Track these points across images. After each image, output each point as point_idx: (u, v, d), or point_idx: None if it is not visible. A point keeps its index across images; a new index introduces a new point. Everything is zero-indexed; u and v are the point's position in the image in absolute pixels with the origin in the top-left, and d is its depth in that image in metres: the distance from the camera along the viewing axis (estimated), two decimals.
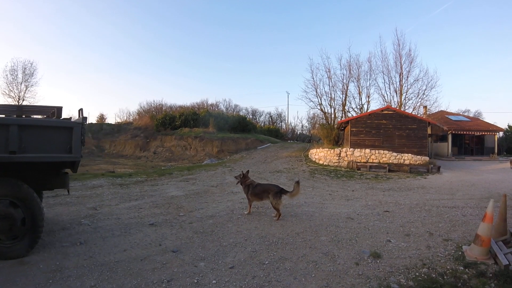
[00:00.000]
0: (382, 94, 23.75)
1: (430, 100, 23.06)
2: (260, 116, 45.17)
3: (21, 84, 30.00)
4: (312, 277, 3.18)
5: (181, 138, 27.51)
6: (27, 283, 2.88)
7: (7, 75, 29.48)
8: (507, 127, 31.50)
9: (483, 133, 24.82)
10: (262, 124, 42.08)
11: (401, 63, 22.99)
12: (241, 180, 6.02)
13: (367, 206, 6.91)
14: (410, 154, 15.32)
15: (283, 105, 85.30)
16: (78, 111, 4.09)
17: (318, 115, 29.30)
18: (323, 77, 27.60)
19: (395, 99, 22.97)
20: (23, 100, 29.39)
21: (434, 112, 25.98)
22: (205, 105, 40.25)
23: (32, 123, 3.58)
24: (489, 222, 3.57)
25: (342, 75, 24.91)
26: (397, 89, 23.00)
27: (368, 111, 20.48)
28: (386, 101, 23.21)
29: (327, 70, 24.55)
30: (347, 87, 24.18)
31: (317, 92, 24.40)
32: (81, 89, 75.63)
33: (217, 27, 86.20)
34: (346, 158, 16.00)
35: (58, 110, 4.97)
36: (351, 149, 16.15)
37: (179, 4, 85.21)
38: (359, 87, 24.22)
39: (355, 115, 21.37)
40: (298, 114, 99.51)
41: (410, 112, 20.54)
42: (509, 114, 72.82)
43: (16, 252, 3.42)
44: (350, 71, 24.32)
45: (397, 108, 20.54)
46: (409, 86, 22.71)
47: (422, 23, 65.72)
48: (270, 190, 5.52)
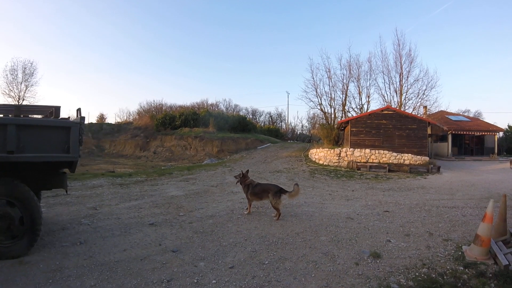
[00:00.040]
0: (382, 94, 23.81)
1: (430, 100, 23.13)
2: (260, 116, 45.23)
3: (21, 84, 30.07)
4: (312, 277, 3.18)
5: (181, 138, 27.51)
6: (27, 282, 2.89)
7: (7, 75, 29.58)
8: (507, 127, 31.53)
9: (483, 133, 24.83)
10: (262, 124, 42.06)
11: (401, 63, 23.04)
12: (240, 179, 6.02)
13: (367, 206, 6.91)
14: (410, 154, 15.33)
15: (283, 105, 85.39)
16: (76, 110, 4.07)
17: (318, 115, 29.38)
18: (323, 77, 27.58)
19: (395, 99, 23.01)
20: (23, 100, 29.41)
21: (434, 112, 25.98)
22: (205, 105, 40.28)
23: (30, 123, 3.57)
24: (489, 222, 3.58)
25: (342, 75, 24.96)
26: (397, 89, 23.04)
27: (368, 111, 20.48)
28: (386, 101, 23.24)
29: (327, 70, 24.60)
30: (347, 87, 24.23)
31: (317, 92, 24.45)
32: (81, 89, 75.86)
33: (217, 27, 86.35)
34: (346, 158, 16.01)
35: (56, 109, 4.94)
36: (351, 149, 16.15)
37: (179, 4, 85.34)
38: (359, 87, 24.26)
39: (355, 115, 21.37)
40: (298, 114, 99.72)
41: (410, 112, 20.55)
42: (509, 114, 72.99)
43: (15, 251, 3.42)
44: (350, 71, 24.36)
45: (397, 108, 20.55)
46: (409, 86, 22.76)
47: (422, 23, 65.82)
48: (269, 189, 5.53)
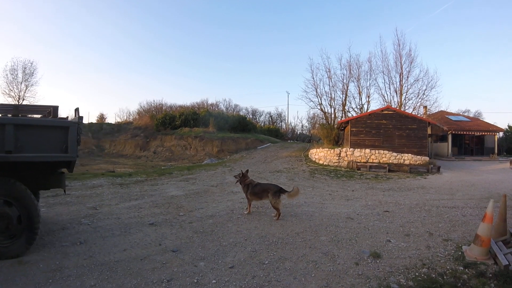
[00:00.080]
0: (382, 94, 23.81)
1: (430, 100, 23.14)
2: (260, 116, 45.22)
3: (21, 83, 30.09)
4: (312, 277, 3.18)
5: (181, 138, 27.51)
6: (27, 282, 2.88)
7: (7, 75, 29.60)
8: (507, 127, 31.54)
9: (483, 133, 24.83)
10: (262, 124, 42.06)
11: (401, 63, 23.04)
12: (240, 179, 6.03)
13: (367, 206, 6.91)
14: (410, 154, 15.33)
15: (283, 105, 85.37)
16: (74, 110, 4.07)
17: (318, 115, 29.37)
18: (323, 77, 27.55)
19: (395, 99, 23.01)
20: (23, 100, 29.42)
21: (434, 112, 25.98)
22: (205, 105, 40.27)
23: (28, 123, 3.56)
24: (489, 222, 3.57)
25: (342, 75, 24.96)
26: (397, 89, 23.05)
27: (368, 111, 20.48)
28: (386, 101, 23.25)
29: (327, 70, 24.61)
30: (347, 87, 24.24)
31: (317, 92, 24.46)
32: (81, 89, 75.92)
33: (217, 27, 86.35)
34: (346, 158, 16.00)
35: (54, 109, 4.93)
36: (351, 149, 16.15)
37: (179, 4, 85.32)
38: (359, 87, 24.27)
39: (355, 115, 21.38)
40: (298, 114, 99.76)
41: (410, 112, 20.55)
42: (509, 114, 72.92)
43: (14, 251, 3.42)
44: (350, 71, 24.37)
45: (397, 108, 20.55)
46: (409, 86, 22.77)
47: (422, 23, 65.79)
48: (269, 189, 5.53)
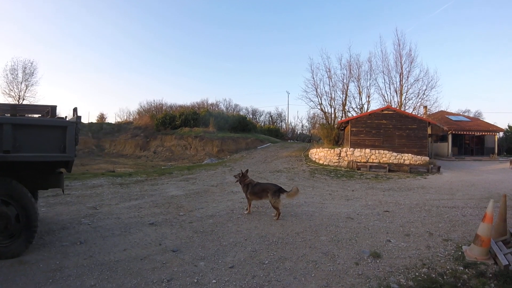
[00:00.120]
0: (382, 94, 23.83)
1: (430, 100, 23.16)
2: (260, 116, 45.23)
3: (21, 83, 30.14)
4: (312, 276, 3.18)
5: (181, 138, 27.51)
6: (27, 282, 2.88)
7: (7, 75, 29.67)
8: (507, 127, 31.55)
9: (483, 133, 24.82)
10: (262, 124, 42.07)
11: (401, 63, 23.05)
12: (240, 179, 6.03)
13: (367, 206, 6.91)
14: (410, 154, 15.33)
15: (283, 105, 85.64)
16: (72, 110, 4.06)
17: (318, 115, 29.36)
18: (323, 77, 27.49)
19: (395, 99, 23.02)
20: (23, 100, 29.46)
21: (434, 112, 25.98)
22: (205, 104, 40.29)
23: (26, 122, 3.55)
24: (489, 222, 3.57)
25: (342, 75, 24.99)
26: (397, 89, 23.06)
27: (368, 111, 20.49)
28: (386, 101, 23.26)
29: (328, 70, 24.63)
30: (347, 87, 24.25)
31: (317, 92, 24.47)
32: (81, 88, 75.99)
33: (217, 27, 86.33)
34: (346, 158, 16.00)
35: (53, 109, 4.93)
36: (351, 149, 16.15)
37: (179, 4, 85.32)
38: (359, 87, 24.28)
39: (355, 115, 21.38)
40: (298, 114, 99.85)
41: (410, 112, 20.55)
42: (509, 114, 72.81)
43: (14, 250, 3.42)
44: (350, 71, 24.38)
45: (397, 108, 20.55)
46: (409, 86, 22.79)
47: (423, 23, 65.78)
48: (268, 189, 5.53)
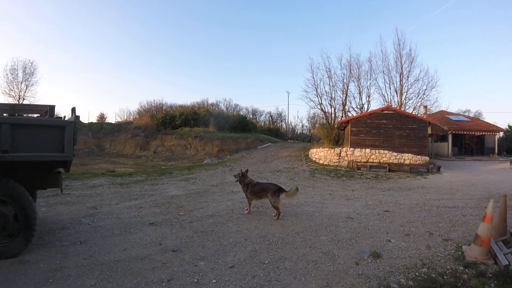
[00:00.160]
0: (382, 94, 23.83)
1: (430, 100, 23.15)
2: (260, 116, 45.25)
3: (21, 83, 30.18)
4: (312, 276, 3.18)
5: (181, 138, 27.52)
6: (27, 282, 2.88)
7: (7, 74, 29.72)
8: (507, 127, 31.53)
9: (484, 133, 24.81)
10: (262, 124, 42.09)
11: (401, 63, 23.05)
12: (240, 179, 6.03)
13: (367, 205, 6.91)
14: (410, 154, 15.32)
15: (283, 104, 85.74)
16: (70, 110, 4.05)
17: (318, 114, 29.35)
18: (323, 76, 27.62)
19: (396, 99, 23.02)
20: (23, 99, 29.49)
21: (434, 112, 25.98)
22: (206, 104, 40.32)
23: (25, 122, 3.55)
24: (489, 222, 3.57)
25: (343, 75, 25.02)
26: (398, 89, 23.06)
27: (369, 111, 20.48)
28: (386, 101, 23.26)
29: (328, 70, 24.64)
30: (347, 86, 24.25)
31: (317, 91, 24.48)
32: (81, 88, 76.06)
33: (217, 27, 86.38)
34: (346, 158, 16.00)
35: (51, 109, 4.91)
36: (351, 148, 16.15)
37: (179, 4, 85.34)
38: (359, 87, 24.27)
39: (355, 114, 21.38)
40: (298, 113, 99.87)
41: (410, 112, 20.55)
42: (509, 114, 72.92)
43: (13, 250, 3.42)
44: (350, 70, 24.38)
45: (398, 108, 20.55)
46: (409, 86, 22.79)
47: (423, 23, 65.79)
48: (268, 189, 5.54)
